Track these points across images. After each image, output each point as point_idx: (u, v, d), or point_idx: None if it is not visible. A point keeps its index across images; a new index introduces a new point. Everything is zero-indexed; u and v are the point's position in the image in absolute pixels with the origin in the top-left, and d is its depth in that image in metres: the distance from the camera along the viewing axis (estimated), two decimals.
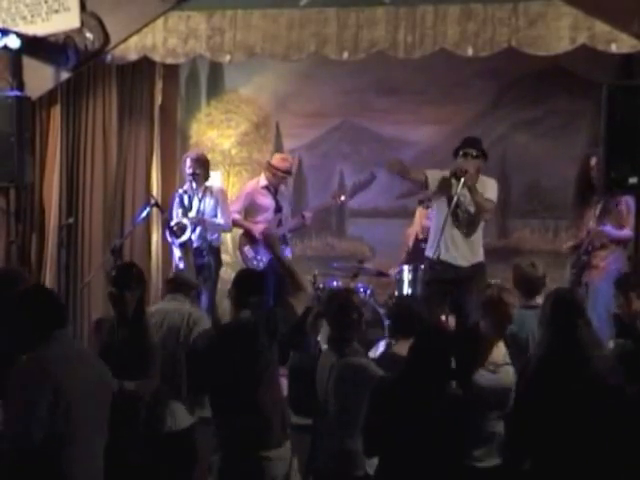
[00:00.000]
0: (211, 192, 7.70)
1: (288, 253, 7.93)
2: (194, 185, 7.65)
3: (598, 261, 6.71)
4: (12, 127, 7.45)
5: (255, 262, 7.80)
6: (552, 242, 8.22)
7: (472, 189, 6.54)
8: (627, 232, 6.71)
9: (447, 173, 6.62)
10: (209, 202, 7.67)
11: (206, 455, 4.96)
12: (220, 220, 7.68)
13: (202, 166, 7.66)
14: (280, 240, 7.80)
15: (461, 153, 6.60)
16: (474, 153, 6.60)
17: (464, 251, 6.66)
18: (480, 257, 6.75)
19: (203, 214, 7.60)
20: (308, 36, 7.41)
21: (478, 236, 6.74)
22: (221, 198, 7.72)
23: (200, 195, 7.64)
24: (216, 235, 7.74)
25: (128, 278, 4.95)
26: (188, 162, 7.65)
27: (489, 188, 6.71)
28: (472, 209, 6.61)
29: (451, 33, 7.11)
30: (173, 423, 5.24)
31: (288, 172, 7.94)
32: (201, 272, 7.36)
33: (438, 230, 6.54)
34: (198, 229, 7.53)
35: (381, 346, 6.79)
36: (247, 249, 7.85)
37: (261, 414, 4.48)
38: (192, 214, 7.60)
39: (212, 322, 5.71)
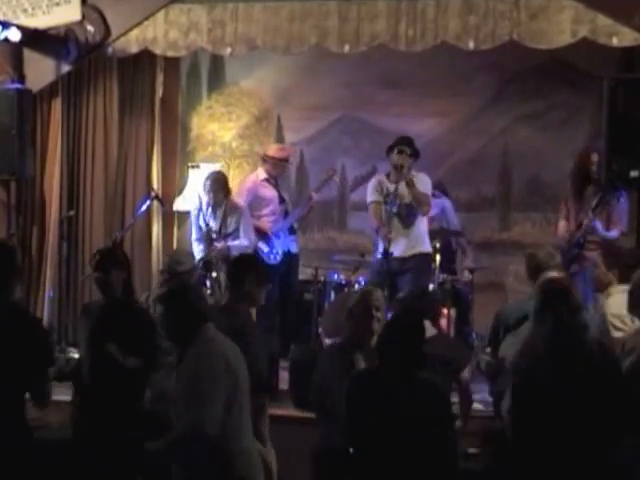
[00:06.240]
0: (233, 210, 7.58)
1: (295, 245, 7.97)
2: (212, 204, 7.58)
3: (586, 252, 6.75)
4: (13, 120, 7.44)
5: (271, 256, 7.77)
6: (553, 235, 8.20)
7: (410, 183, 6.81)
8: (614, 233, 6.75)
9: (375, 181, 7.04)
10: (231, 220, 7.57)
11: None
12: (244, 241, 7.53)
13: (216, 186, 7.52)
14: (287, 231, 7.84)
15: (396, 150, 6.84)
16: (408, 151, 6.84)
17: (404, 243, 6.87)
18: (424, 248, 7.02)
19: (226, 232, 7.53)
20: (309, 29, 7.39)
21: (419, 228, 6.97)
22: (243, 216, 7.60)
23: (222, 213, 7.57)
24: None
25: (112, 260, 4.94)
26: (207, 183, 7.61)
27: (423, 183, 6.95)
28: (409, 201, 6.87)
29: (452, 26, 7.10)
30: None
31: (286, 160, 7.90)
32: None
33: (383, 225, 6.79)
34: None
35: None
36: (260, 244, 7.79)
37: None
38: (213, 232, 7.56)
39: None
